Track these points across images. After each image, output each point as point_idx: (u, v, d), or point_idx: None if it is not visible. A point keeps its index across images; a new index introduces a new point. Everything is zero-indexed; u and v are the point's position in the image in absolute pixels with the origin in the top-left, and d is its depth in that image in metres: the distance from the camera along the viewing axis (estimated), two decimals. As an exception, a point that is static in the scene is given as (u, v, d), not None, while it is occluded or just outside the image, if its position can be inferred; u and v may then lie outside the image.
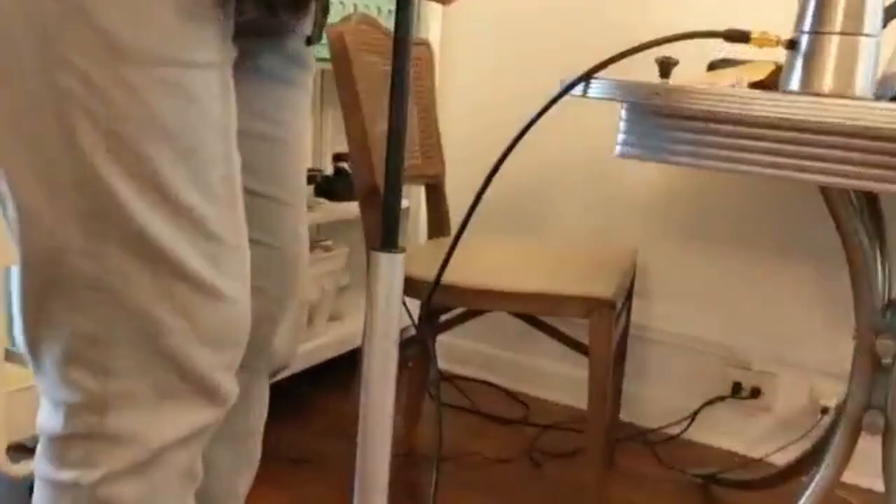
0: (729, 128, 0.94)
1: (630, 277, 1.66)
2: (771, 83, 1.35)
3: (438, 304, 1.52)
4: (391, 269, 0.78)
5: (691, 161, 1.03)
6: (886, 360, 1.21)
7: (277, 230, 0.91)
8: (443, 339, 2.08)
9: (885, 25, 1.05)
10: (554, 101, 1.01)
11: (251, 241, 0.77)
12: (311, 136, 2.09)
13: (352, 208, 1.82)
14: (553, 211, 2.06)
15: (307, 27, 0.88)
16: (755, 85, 1.35)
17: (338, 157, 2.01)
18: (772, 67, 1.36)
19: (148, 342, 0.69)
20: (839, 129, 0.84)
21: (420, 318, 1.52)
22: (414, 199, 2.08)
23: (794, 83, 0.94)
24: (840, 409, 1.79)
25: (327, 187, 1.96)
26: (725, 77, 1.32)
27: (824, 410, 1.79)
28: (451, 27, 2.07)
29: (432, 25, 2.01)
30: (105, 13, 0.63)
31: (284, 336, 0.97)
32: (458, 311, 1.65)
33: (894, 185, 0.89)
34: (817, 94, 0.92)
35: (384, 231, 0.80)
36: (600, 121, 1.85)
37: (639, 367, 1.95)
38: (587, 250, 1.72)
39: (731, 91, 0.87)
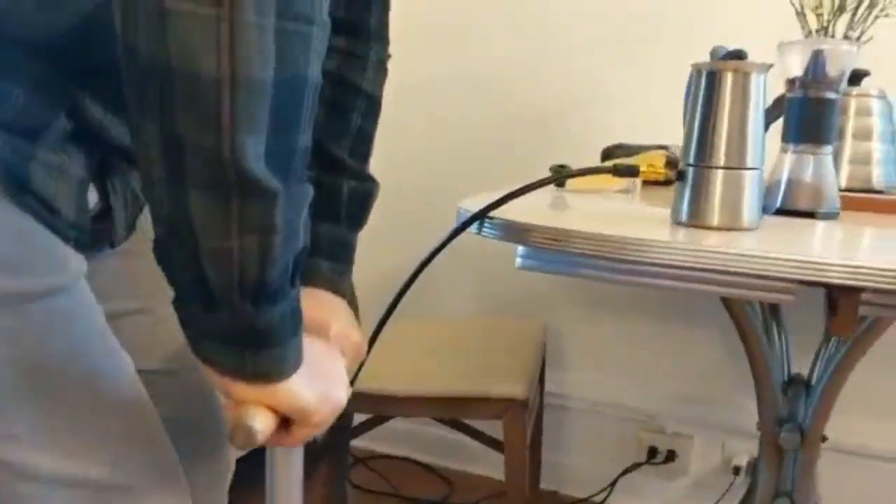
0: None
1: (541, 356, 1.66)
2: (666, 177, 1.38)
3: (348, 410, 1.48)
4: (289, 462, 0.74)
5: (593, 274, 1.03)
6: (790, 451, 1.24)
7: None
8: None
9: (766, 128, 1.08)
10: (449, 239, 1.00)
11: None
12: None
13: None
14: (456, 286, 2.04)
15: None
16: (650, 182, 1.37)
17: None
18: (663, 161, 1.39)
19: None
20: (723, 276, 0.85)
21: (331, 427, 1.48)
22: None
23: (684, 215, 0.95)
24: (752, 467, 1.85)
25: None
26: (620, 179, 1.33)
27: (736, 470, 1.83)
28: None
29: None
30: None
31: None
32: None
33: (784, 296, 0.90)
34: (706, 227, 0.94)
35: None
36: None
37: (556, 435, 1.96)
38: (495, 331, 1.71)
39: (627, 239, 0.87)
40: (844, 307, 0.81)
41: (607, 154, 1.52)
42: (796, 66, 1.07)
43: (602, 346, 1.94)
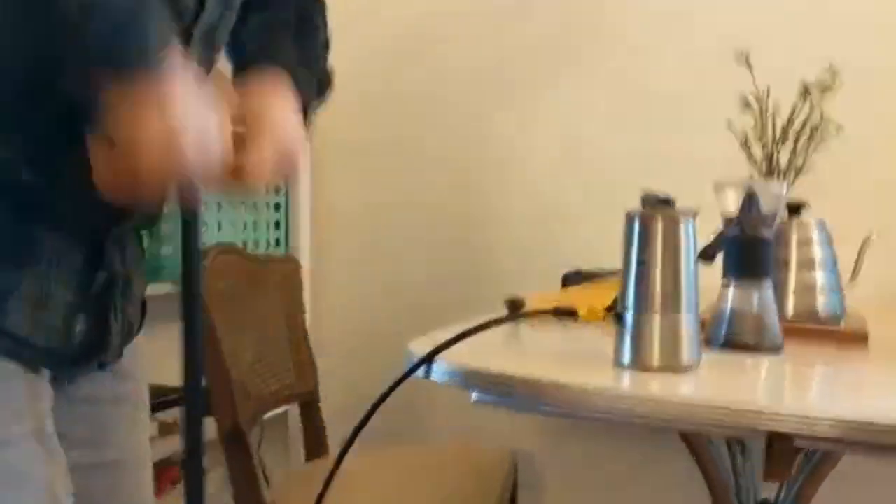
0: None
1: (512, 479, 1.65)
2: (605, 317, 1.40)
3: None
4: None
5: (547, 411, 1.05)
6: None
7: None
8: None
9: (712, 260, 1.12)
10: (396, 385, 1.01)
11: None
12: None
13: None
14: (425, 413, 2.04)
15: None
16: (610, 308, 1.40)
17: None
18: (611, 296, 1.42)
19: None
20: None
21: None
22: (292, 418, 2.03)
23: (626, 357, 0.97)
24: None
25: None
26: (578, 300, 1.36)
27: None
28: (321, 242, 2.09)
29: (301, 241, 2.03)
30: None
31: None
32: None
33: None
34: (647, 370, 0.95)
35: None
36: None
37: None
38: (465, 456, 1.70)
39: (570, 387, 0.89)
40: (777, 453, 0.82)
41: (566, 280, 1.56)
42: (731, 204, 1.11)
43: (573, 466, 1.93)
